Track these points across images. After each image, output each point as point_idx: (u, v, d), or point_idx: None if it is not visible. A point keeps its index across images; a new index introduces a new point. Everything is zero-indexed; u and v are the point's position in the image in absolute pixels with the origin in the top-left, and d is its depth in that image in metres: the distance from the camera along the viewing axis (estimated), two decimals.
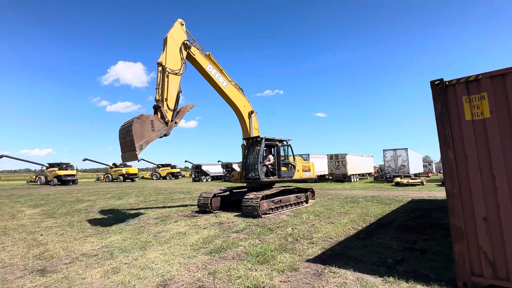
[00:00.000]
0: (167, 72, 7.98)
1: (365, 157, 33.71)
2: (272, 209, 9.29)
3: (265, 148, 10.30)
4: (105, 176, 43.91)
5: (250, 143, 10.41)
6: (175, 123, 8.03)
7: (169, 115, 7.92)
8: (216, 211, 9.96)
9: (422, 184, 21.15)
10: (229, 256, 4.96)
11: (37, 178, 36.40)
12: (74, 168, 35.03)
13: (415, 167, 28.13)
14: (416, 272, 4.02)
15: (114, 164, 43.23)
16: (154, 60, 8.30)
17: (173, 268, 4.40)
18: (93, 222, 8.58)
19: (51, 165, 34.48)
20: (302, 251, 5.15)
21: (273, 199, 9.41)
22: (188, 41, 8.97)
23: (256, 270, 4.22)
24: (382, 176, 29.77)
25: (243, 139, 10.99)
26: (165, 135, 7.69)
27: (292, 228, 7.05)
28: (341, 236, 6.23)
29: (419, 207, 10.26)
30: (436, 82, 3.65)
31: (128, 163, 42.76)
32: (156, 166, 49.57)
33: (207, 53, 10.03)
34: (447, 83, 3.59)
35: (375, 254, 4.87)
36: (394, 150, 26.09)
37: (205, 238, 6.21)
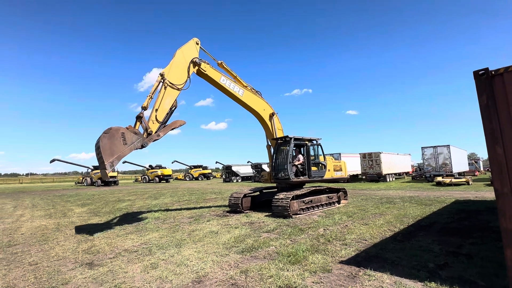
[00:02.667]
0: (166, 84, 7.77)
1: (402, 155, 31.87)
2: (302, 209, 9.18)
3: (294, 148, 10.21)
4: (142, 177, 46.54)
5: (279, 143, 10.39)
6: (158, 135, 7.45)
7: (154, 126, 7.44)
8: (246, 211, 10.08)
9: (468, 184, 19.46)
10: (261, 256, 5.00)
11: (83, 180, 39.75)
12: (115, 170, 37.68)
13: (459, 165, 25.97)
14: (461, 278, 3.72)
15: (150, 166, 45.70)
16: None
17: (206, 266, 4.55)
18: (133, 220, 9.15)
19: (96, 168, 37.43)
20: (335, 253, 5.02)
21: (304, 199, 9.29)
22: (199, 59, 8.71)
23: (287, 270, 4.21)
24: (421, 175, 27.94)
25: (271, 139, 10.97)
26: (142, 147, 7.07)
27: (324, 229, 6.90)
28: (376, 238, 5.96)
29: (464, 208, 9.47)
30: (480, 72, 3.35)
31: (163, 165, 45.04)
32: (188, 167, 51.44)
33: (219, 62, 9.89)
34: (493, 72, 3.28)
35: (414, 258, 4.60)
36: (434, 147, 24.32)
37: (237, 237, 6.32)
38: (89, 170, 39.25)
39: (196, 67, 8.73)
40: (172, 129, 7.85)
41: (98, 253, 5.48)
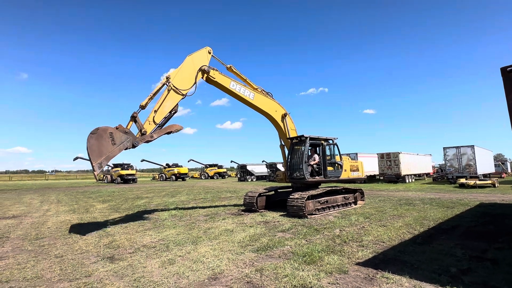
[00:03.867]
0: (170, 87, 7.71)
1: (422, 156, 30.79)
2: (318, 209, 9.08)
3: (310, 148, 10.12)
4: (160, 175, 47.71)
5: (294, 143, 10.33)
6: (151, 136, 7.26)
7: (149, 127, 7.30)
8: (261, 210, 10.10)
9: (494, 186, 18.52)
10: (276, 255, 5.00)
11: (104, 177, 41.21)
12: (134, 168, 38.87)
13: (484, 166, 24.78)
14: (486, 284, 3.56)
15: (167, 164, 46.75)
16: None
17: (222, 263, 4.60)
18: (151, 217, 9.40)
19: (115, 166, 38.82)
20: (352, 254, 4.94)
21: (319, 199, 9.19)
22: (208, 66, 8.66)
23: (303, 270, 4.19)
24: (442, 176, 26.95)
25: (286, 139, 10.92)
26: (133, 146, 6.89)
27: (340, 230, 6.80)
28: (395, 240, 5.81)
29: (489, 211, 9.03)
30: (508, 69, 3.20)
31: (179, 163, 45.93)
32: (204, 166, 52.22)
33: (227, 66, 9.78)
34: None
35: (435, 262, 4.45)
36: (457, 147, 23.34)
37: (252, 236, 6.35)
38: (109, 168, 40.70)
39: (205, 75, 8.69)
40: (168, 133, 7.64)
41: (119, 248, 5.68)
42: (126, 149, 6.78)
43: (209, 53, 8.98)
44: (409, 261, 4.51)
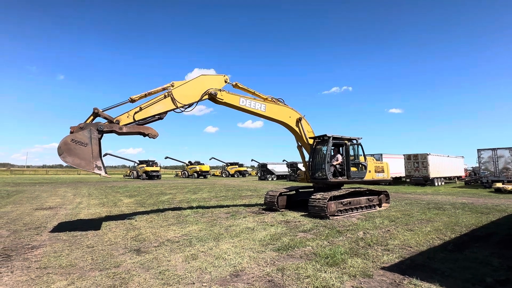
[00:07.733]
0: (168, 93, 7.53)
1: (453, 158, 29.07)
2: (340, 211, 8.88)
3: (333, 148, 9.91)
4: (182, 172, 49.01)
5: (317, 142, 10.16)
6: (121, 128, 6.90)
7: (125, 120, 7.06)
8: (282, 209, 10.05)
9: None
10: (297, 255, 4.96)
11: (130, 173, 43.10)
12: (158, 165, 40.24)
13: None
14: None
15: (189, 162, 47.93)
16: (225, 66, 8.76)
17: (243, 261, 4.64)
18: (174, 212, 9.68)
19: (141, 162, 40.47)
20: (376, 258, 4.78)
21: (342, 200, 8.97)
22: (215, 89, 8.37)
23: (325, 272, 4.11)
24: (475, 180, 25.33)
25: (309, 138, 10.73)
26: (101, 132, 6.62)
27: (364, 232, 6.60)
28: (423, 245, 5.54)
29: None
30: None
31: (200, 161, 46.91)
32: (225, 164, 52.93)
33: (233, 83, 9.40)
34: None
35: (468, 270, 4.19)
36: (493, 149, 21.75)
37: (273, 235, 6.34)
38: (136, 164, 42.49)
39: (211, 97, 8.43)
40: (143, 134, 7.26)
41: (144, 241, 5.91)
42: (98, 138, 6.61)
43: (226, 81, 8.83)
44: (439, 268, 4.28)
